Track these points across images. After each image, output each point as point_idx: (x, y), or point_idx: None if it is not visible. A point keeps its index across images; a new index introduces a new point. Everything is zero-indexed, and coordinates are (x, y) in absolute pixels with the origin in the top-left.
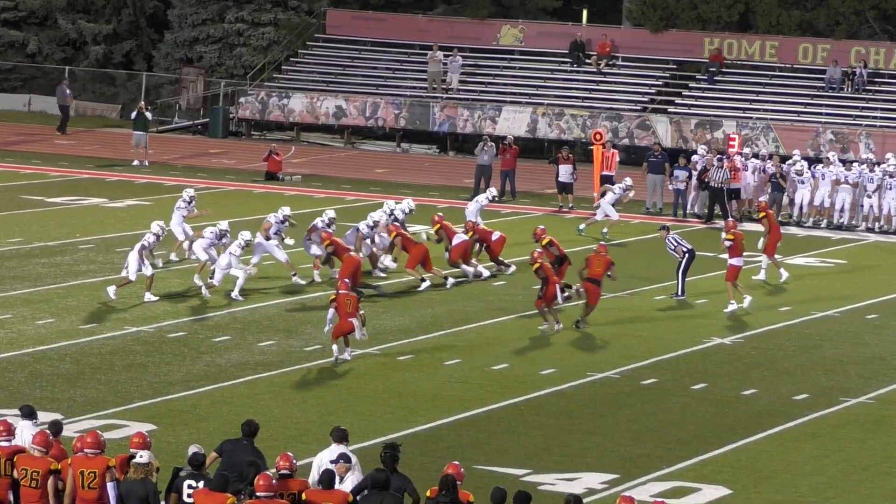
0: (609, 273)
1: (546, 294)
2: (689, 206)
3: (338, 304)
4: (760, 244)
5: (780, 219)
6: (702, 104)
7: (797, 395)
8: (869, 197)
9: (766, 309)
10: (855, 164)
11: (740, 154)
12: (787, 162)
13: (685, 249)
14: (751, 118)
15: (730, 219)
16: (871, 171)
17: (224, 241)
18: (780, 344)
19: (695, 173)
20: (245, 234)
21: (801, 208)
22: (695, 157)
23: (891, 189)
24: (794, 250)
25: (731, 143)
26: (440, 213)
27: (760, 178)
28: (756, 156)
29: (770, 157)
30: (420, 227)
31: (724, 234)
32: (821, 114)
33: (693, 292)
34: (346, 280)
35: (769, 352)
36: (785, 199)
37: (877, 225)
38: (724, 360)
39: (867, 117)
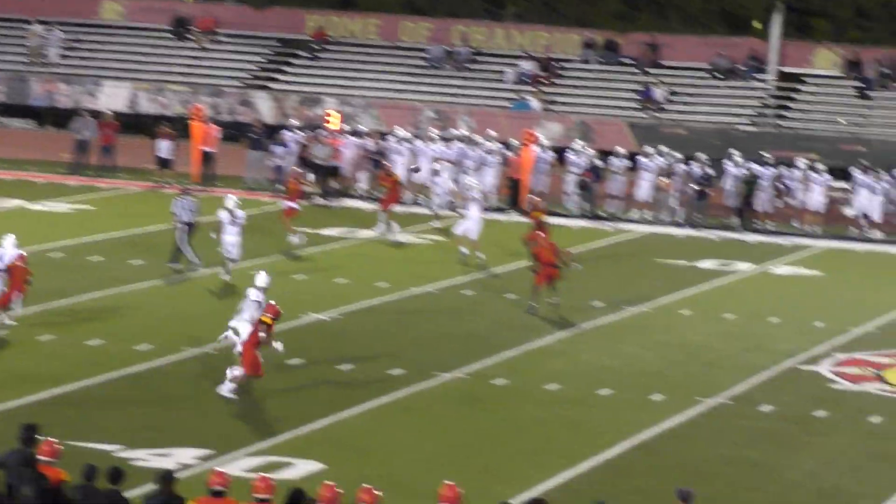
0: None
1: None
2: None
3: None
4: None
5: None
6: (304, 81)
7: (392, 369)
8: (465, 173)
9: (364, 285)
10: (455, 142)
11: (341, 132)
12: (386, 138)
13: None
14: (352, 95)
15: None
16: (471, 149)
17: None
18: (378, 320)
19: (293, 148)
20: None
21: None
22: (288, 134)
23: (489, 166)
24: (404, 226)
25: (326, 118)
26: None
27: (360, 156)
28: (355, 133)
29: (370, 133)
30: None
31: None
32: (422, 91)
33: (292, 269)
34: None
35: (366, 327)
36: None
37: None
38: (321, 335)
39: (468, 95)
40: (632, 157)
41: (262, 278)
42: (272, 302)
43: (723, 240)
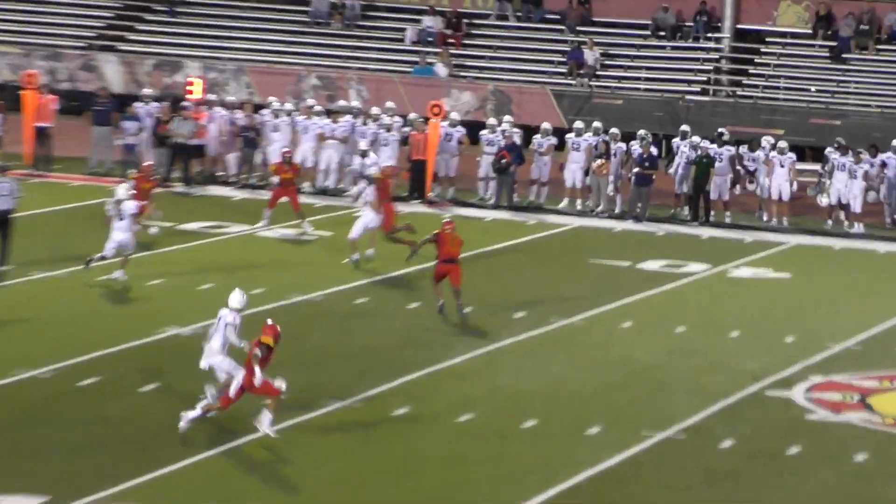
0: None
1: None
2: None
3: None
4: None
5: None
6: (160, 42)
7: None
8: (364, 156)
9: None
10: (345, 116)
11: (206, 103)
12: (262, 112)
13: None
14: (219, 59)
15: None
16: (364, 124)
17: None
18: (252, 334)
19: (147, 124)
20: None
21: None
22: (140, 106)
23: (386, 145)
24: (280, 220)
25: (187, 87)
26: None
27: (229, 132)
28: (223, 104)
29: (241, 105)
30: None
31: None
32: (305, 54)
33: (147, 272)
34: None
35: None
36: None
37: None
38: (182, 353)
39: (360, 59)
40: (559, 133)
41: (237, 298)
42: (269, 321)
43: (671, 235)
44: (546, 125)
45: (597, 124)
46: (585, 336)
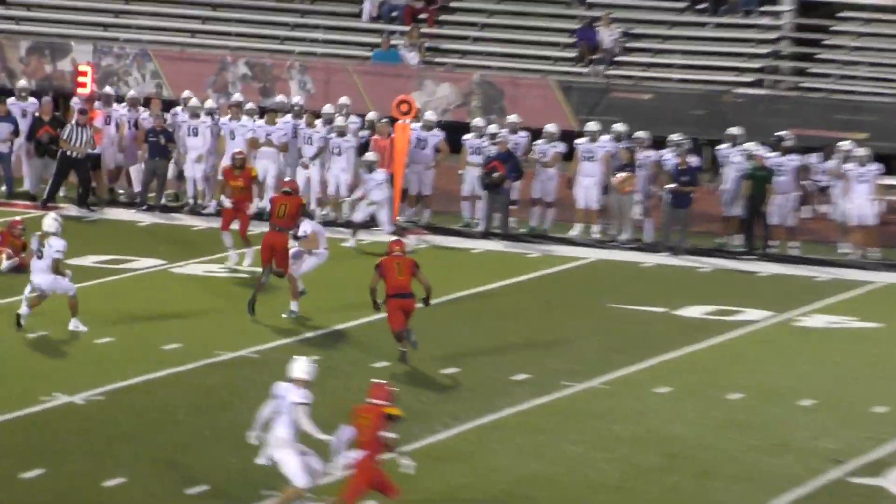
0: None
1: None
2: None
3: None
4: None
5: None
6: (38, 17)
7: (192, 487)
8: (305, 167)
9: (143, 347)
10: (284, 116)
11: (99, 99)
12: (175, 110)
13: None
14: (116, 39)
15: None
16: (311, 126)
17: None
18: (168, 400)
19: (23, 127)
20: None
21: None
22: (14, 104)
23: (339, 154)
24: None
25: (78, 78)
26: None
27: (132, 136)
28: (123, 100)
29: (146, 102)
30: None
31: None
32: (230, 34)
33: (27, 325)
34: None
35: (146, 416)
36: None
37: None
38: (74, 427)
39: (303, 40)
40: (567, 138)
41: (303, 367)
42: (382, 382)
43: (718, 272)
44: (551, 127)
45: (617, 126)
46: (607, 405)
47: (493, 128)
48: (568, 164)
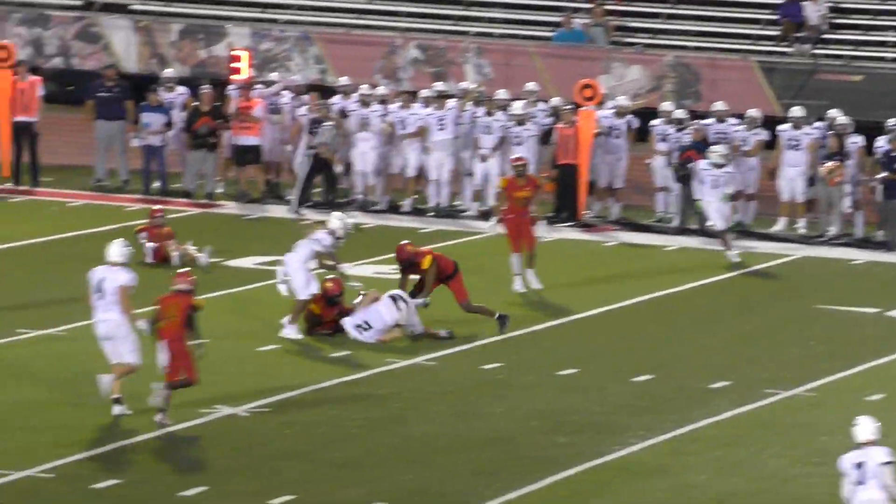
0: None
1: None
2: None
3: None
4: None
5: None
6: None
7: None
8: (483, 160)
9: (316, 356)
10: (451, 101)
11: (254, 85)
12: (334, 99)
13: None
14: (276, 21)
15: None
16: (490, 114)
17: None
18: (338, 412)
19: (177, 119)
20: None
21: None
22: (168, 94)
23: (519, 144)
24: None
25: (235, 63)
26: None
27: (291, 127)
28: (288, 89)
29: (308, 90)
30: None
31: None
32: (398, 14)
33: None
34: None
35: (305, 428)
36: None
37: None
38: (237, 443)
39: (474, 20)
40: (769, 124)
41: None
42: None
43: None
44: (753, 112)
45: (832, 112)
46: (813, 415)
47: (679, 113)
48: (770, 153)
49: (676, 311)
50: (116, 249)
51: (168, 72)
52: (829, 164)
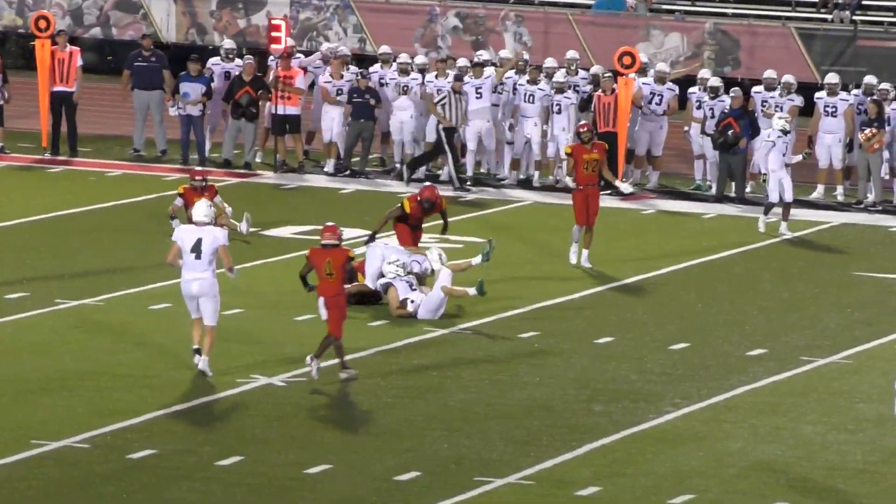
0: None
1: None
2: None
3: None
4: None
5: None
6: None
7: (402, 475)
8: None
9: (352, 327)
10: (488, 69)
11: (295, 54)
12: (373, 68)
13: None
14: None
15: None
16: (534, 82)
17: None
18: (375, 382)
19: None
20: None
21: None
22: (217, 64)
23: (559, 112)
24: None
25: (274, 32)
26: None
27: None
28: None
29: (361, 68)
30: None
31: None
32: None
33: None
34: None
35: (343, 397)
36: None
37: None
38: (274, 412)
39: None
40: (808, 91)
41: None
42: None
43: None
44: (788, 78)
45: (868, 79)
46: (850, 382)
47: (714, 81)
48: (806, 121)
49: (714, 278)
50: (202, 209)
51: (227, 43)
52: (868, 130)
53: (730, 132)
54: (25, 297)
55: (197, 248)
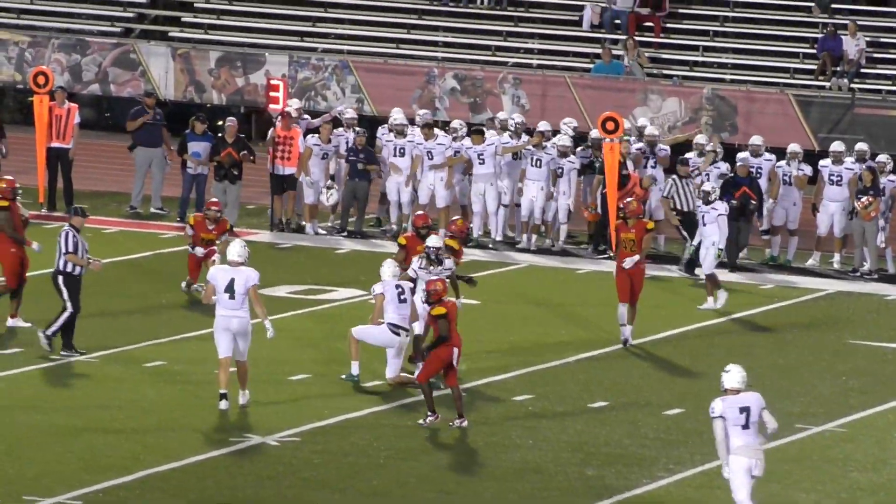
0: None
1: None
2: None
3: None
4: None
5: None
6: (232, 27)
7: None
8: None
9: (347, 387)
10: (490, 133)
11: (291, 115)
12: (381, 129)
13: None
14: (315, 50)
15: None
16: (541, 146)
17: None
18: (368, 442)
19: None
20: None
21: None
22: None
23: (561, 176)
24: None
25: (272, 92)
26: None
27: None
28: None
29: (349, 123)
30: None
31: None
32: (437, 44)
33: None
34: None
35: (334, 457)
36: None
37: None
38: (266, 472)
39: (517, 50)
40: (811, 159)
41: None
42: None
43: None
44: (795, 147)
45: (861, 146)
46: (845, 451)
47: (709, 146)
48: (810, 188)
49: (709, 344)
50: (237, 249)
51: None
52: (865, 198)
53: (752, 202)
54: (19, 352)
55: (230, 288)
